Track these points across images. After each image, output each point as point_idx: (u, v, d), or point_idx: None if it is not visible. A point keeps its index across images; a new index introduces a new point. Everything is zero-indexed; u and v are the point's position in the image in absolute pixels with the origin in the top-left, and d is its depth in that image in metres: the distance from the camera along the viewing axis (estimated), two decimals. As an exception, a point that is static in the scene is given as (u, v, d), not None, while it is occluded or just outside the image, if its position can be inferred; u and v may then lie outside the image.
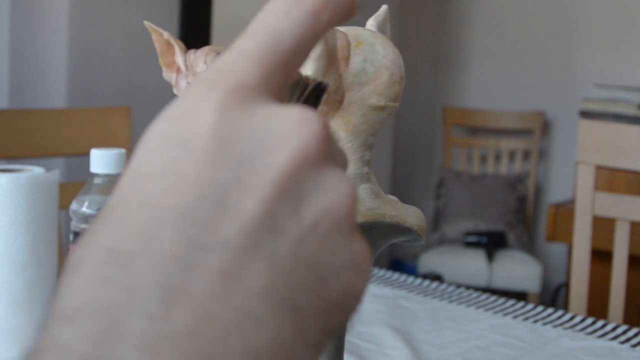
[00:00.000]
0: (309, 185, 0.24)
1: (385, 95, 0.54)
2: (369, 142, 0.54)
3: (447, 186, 3.09)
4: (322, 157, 0.24)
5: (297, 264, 0.23)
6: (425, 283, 1.18)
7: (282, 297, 0.22)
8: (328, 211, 0.24)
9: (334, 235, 0.24)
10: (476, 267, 2.73)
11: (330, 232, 0.24)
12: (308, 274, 0.23)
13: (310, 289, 0.23)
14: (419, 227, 0.56)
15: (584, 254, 1.28)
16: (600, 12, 3.03)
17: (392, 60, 0.54)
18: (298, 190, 0.23)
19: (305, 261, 0.23)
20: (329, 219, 0.24)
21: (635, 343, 0.96)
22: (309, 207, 0.24)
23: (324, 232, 0.24)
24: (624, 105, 2.54)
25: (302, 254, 0.23)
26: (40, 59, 2.23)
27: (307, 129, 0.24)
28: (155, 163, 0.23)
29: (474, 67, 3.35)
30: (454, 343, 0.93)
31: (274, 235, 0.23)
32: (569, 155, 2.97)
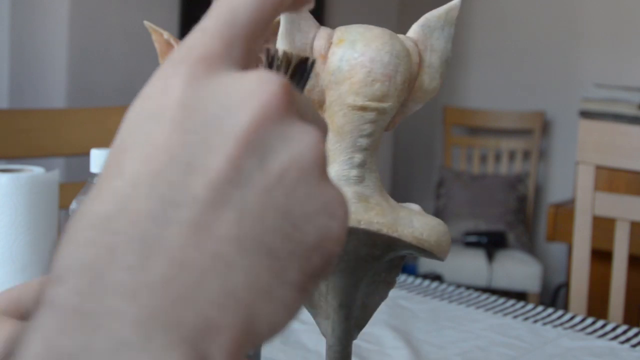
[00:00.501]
0: (273, 139, 0.25)
1: (363, 95, 0.52)
2: (359, 144, 0.53)
3: (447, 186, 3.09)
4: (283, 113, 0.26)
5: (266, 212, 0.25)
6: (425, 283, 1.18)
7: (254, 241, 0.24)
8: (293, 161, 0.25)
9: (302, 183, 0.26)
10: (476, 267, 2.73)
11: (298, 180, 0.25)
12: (279, 220, 0.25)
13: (284, 234, 0.25)
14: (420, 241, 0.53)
15: (584, 254, 1.27)
16: (600, 12, 3.03)
17: (372, 57, 0.51)
18: (262, 144, 0.25)
19: (275, 209, 0.25)
20: (295, 168, 0.25)
21: (635, 343, 0.96)
22: (275, 159, 0.25)
23: (292, 180, 0.25)
24: (624, 105, 2.54)
25: (272, 203, 0.25)
26: (40, 59, 2.23)
27: (266, 88, 0.26)
28: (131, 138, 0.25)
29: (474, 67, 3.35)
30: (454, 343, 0.93)
31: (241, 187, 0.24)
32: (569, 155, 2.97)
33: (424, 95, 0.55)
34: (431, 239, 0.53)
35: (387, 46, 0.52)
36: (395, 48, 0.52)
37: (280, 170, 0.25)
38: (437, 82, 0.55)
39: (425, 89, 0.55)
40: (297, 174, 0.25)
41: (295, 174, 0.25)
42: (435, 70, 0.55)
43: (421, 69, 0.54)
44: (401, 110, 0.55)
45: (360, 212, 0.53)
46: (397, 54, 0.52)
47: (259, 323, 0.24)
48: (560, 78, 3.14)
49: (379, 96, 0.52)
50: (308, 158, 0.26)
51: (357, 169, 0.53)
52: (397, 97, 0.53)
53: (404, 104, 0.55)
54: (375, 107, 0.52)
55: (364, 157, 0.53)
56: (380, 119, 0.53)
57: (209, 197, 0.24)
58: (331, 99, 0.53)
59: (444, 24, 0.55)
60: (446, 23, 0.55)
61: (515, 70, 3.25)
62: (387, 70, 0.52)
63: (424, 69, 0.54)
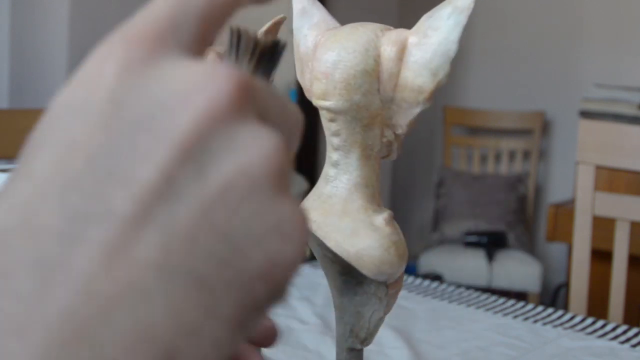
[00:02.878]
0: (217, 145, 0.21)
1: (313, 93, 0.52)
2: (332, 142, 0.52)
3: (447, 186, 3.09)
4: (234, 114, 0.21)
5: (200, 233, 0.20)
6: (425, 283, 1.18)
7: (181, 269, 0.20)
8: (241, 172, 0.21)
9: (250, 198, 0.21)
10: (476, 267, 2.73)
11: (245, 195, 0.21)
12: (216, 244, 0.21)
13: (221, 260, 0.21)
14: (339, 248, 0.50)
15: (584, 254, 1.27)
16: (600, 12, 3.03)
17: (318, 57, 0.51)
18: (203, 152, 0.21)
19: (212, 230, 0.21)
20: (242, 180, 0.21)
21: (635, 343, 0.96)
22: (217, 169, 0.21)
23: (236, 196, 0.21)
24: (624, 105, 2.54)
25: (208, 222, 0.21)
26: (40, 59, 2.23)
27: (215, 82, 0.21)
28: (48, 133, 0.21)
29: (474, 67, 3.35)
30: (454, 343, 0.93)
31: (171, 202, 0.20)
32: (569, 155, 2.97)
33: (413, 94, 0.51)
34: (352, 249, 0.51)
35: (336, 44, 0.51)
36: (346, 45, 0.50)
37: (223, 183, 0.21)
38: (424, 78, 0.50)
39: (411, 87, 0.50)
40: (244, 187, 0.21)
41: (241, 188, 0.21)
42: (421, 66, 0.50)
43: (404, 64, 0.50)
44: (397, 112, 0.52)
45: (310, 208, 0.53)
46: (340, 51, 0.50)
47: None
48: (560, 78, 3.14)
49: (320, 94, 0.51)
50: (259, 168, 0.21)
51: (332, 168, 0.53)
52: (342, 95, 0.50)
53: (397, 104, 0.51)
54: (320, 106, 0.51)
55: (338, 156, 0.52)
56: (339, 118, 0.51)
57: (130, 212, 0.20)
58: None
59: (450, 12, 0.49)
60: (454, 11, 0.49)
61: (515, 70, 3.25)
62: (324, 69, 0.50)
63: (408, 65, 0.50)
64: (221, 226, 0.21)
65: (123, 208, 0.20)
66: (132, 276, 0.19)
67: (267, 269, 0.21)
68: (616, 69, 2.97)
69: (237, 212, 0.21)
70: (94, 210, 0.20)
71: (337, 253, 0.51)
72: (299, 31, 0.56)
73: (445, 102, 3.33)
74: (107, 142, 0.21)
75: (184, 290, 0.20)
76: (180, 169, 0.21)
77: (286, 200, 0.22)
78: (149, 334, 0.19)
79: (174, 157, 0.20)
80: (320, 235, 0.52)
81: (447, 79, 0.50)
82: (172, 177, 0.20)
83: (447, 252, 2.84)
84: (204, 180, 0.21)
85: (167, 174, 0.20)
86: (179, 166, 0.21)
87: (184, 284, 0.20)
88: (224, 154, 0.21)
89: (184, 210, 0.20)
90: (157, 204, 0.20)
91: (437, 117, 3.36)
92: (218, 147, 0.21)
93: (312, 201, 0.53)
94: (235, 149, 0.21)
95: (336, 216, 0.52)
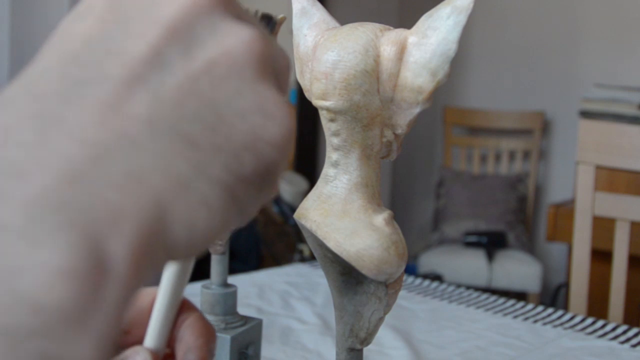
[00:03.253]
0: (202, 30, 0.24)
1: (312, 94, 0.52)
2: (332, 142, 0.52)
3: (447, 186, 3.09)
4: (217, 8, 0.24)
5: (187, 98, 0.23)
6: (425, 283, 1.18)
7: (169, 126, 0.22)
8: (224, 53, 0.24)
9: (233, 76, 0.24)
10: (476, 267, 2.73)
11: (228, 73, 0.23)
12: (202, 109, 0.23)
13: (207, 124, 0.23)
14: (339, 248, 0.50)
15: (584, 254, 1.27)
16: (600, 12, 3.03)
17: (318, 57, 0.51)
18: (190, 33, 0.23)
19: (198, 97, 0.23)
20: (226, 59, 0.24)
21: (635, 343, 0.96)
22: (203, 49, 0.23)
23: (220, 72, 0.23)
24: (624, 105, 2.54)
25: (195, 90, 0.23)
26: (40, 59, 2.23)
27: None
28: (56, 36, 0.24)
29: (474, 67, 3.35)
30: (454, 343, 0.93)
31: (160, 71, 0.23)
32: (569, 155, 2.97)
33: (413, 94, 0.50)
34: (352, 249, 0.50)
35: (336, 44, 0.50)
36: (345, 45, 0.50)
37: (208, 61, 0.23)
38: (423, 78, 0.50)
39: (410, 87, 0.50)
40: (227, 66, 0.23)
41: (225, 66, 0.23)
42: (420, 66, 0.49)
43: (403, 64, 0.50)
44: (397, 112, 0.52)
45: (310, 208, 0.52)
46: (340, 51, 0.50)
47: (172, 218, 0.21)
48: (560, 78, 3.14)
49: (320, 94, 0.51)
50: (242, 52, 0.24)
51: (332, 168, 0.53)
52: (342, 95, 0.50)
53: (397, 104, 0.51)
54: (320, 106, 0.51)
55: (338, 156, 0.52)
56: (339, 118, 0.51)
57: (123, 75, 0.22)
58: None
59: (450, 12, 0.48)
60: (453, 11, 0.48)
61: (515, 70, 3.25)
62: (324, 69, 0.50)
63: (408, 65, 0.50)
64: (206, 95, 0.23)
65: (117, 72, 0.22)
66: (123, 127, 0.21)
67: (252, 141, 0.23)
68: (616, 69, 2.97)
69: (220, 87, 0.23)
70: (90, 75, 0.22)
71: (337, 253, 0.51)
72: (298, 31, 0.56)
73: (445, 102, 3.33)
74: (104, 28, 0.23)
75: (172, 143, 0.22)
76: (168, 46, 0.23)
77: (268, 85, 0.24)
78: (139, 177, 0.21)
79: (163, 35, 0.23)
80: (320, 236, 0.52)
81: (446, 79, 0.50)
82: (161, 51, 0.23)
83: (447, 252, 2.84)
84: (190, 57, 0.23)
85: (157, 48, 0.23)
86: (167, 43, 0.23)
87: (172, 138, 0.22)
88: (208, 37, 0.24)
89: (172, 79, 0.23)
90: (147, 70, 0.22)
91: (437, 117, 3.36)
92: (203, 32, 0.24)
93: (312, 201, 0.53)
94: (219, 35, 0.24)
95: (336, 216, 0.52)
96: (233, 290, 0.70)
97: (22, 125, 0.21)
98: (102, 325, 0.19)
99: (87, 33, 0.23)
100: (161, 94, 0.22)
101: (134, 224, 0.20)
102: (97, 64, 0.22)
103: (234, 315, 0.69)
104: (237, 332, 0.67)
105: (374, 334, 0.55)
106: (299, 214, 0.53)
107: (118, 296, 0.20)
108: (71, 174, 0.20)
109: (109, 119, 0.21)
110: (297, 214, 0.53)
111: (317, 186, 0.54)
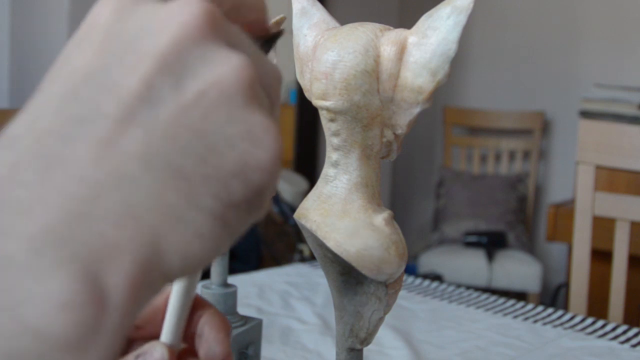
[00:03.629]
0: (192, 61, 0.24)
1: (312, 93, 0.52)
2: (332, 142, 0.52)
3: (447, 186, 3.09)
4: (205, 36, 0.25)
5: (178, 131, 0.24)
6: (425, 283, 1.18)
7: (162, 160, 0.23)
8: (214, 82, 0.24)
9: (222, 105, 0.24)
10: (476, 267, 2.73)
11: (218, 102, 0.24)
12: (193, 141, 0.24)
13: (197, 155, 0.24)
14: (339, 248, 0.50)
15: (584, 254, 1.27)
16: (600, 12, 3.03)
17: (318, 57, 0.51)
18: (180, 65, 0.24)
19: (189, 129, 0.24)
20: (216, 89, 0.24)
21: (635, 343, 0.96)
22: (193, 79, 0.24)
23: (210, 102, 0.24)
24: (624, 105, 2.54)
25: (185, 122, 0.24)
26: (40, 59, 2.23)
27: (188, 11, 0.25)
28: (56, 65, 0.25)
29: (474, 67, 3.35)
30: (454, 343, 0.93)
31: (152, 105, 0.24)
32: (569, 155, 2.97)
33: (413, 94, 0.50)
34: (352, 249, 0.50)
35: (336, 44, 0.50)
36: (345, 45, 0.50)
37: (198, 91, 0.24)
38: (423, 78, 0.50)
39: (410, 87, 0.50)
40: (217, 96, 0.24)
41: (214, 96, 0.24)
42: (420, 67, 0.49)
43: (403, 64, 0.50)
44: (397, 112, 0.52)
45: (310, 208, 0.52)
46: (340, 51, 0.50)
47: (167, 249, 0.23)
48: (560, 78, 3.14)
49: (320, 94, 0.51)
50: (230, 81, 0.24)
51: (332, 168, 0.53)
52: (342, 95, 0.50)
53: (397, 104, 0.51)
54: (320, 106, 0.51)
55: (338, 156, 0.52)
56: (339, 118, 0.51)
57: (117, 114, 0.23)
58: None
59: (450, 12, 0.48)
60: (453, 11, 0.48)
61: (515, 70, 3.25)
62: (324, 69, 0.50)
63: (408, 65, 0.50)
64: (197, 127, 0.24)
65: (112, 111, 0.23)
66: (119, 165, 0.23)
67: (241, 168, 0.24)
68: (616, 69, 2.97)
69: (210, 117, 0.24)
70: (88, 114, 0.23)
71: (337, 253, 0.51)
72: (298, 31, 0.55)
73: (445, 102, 3.33)
74: (101, 62, 0.24)
75: (165, 178, 0.23)
76: (160, 78, 0.24)
77: (257, 111, 0.25)
78: (135, 213, 0.22)
79: (154, 68, 0.24)
80: (320, 236, 0.52)
81: (446, 79, 0.50)
82: (152, 85, 0.24)
83: (447, 252, 2.84)
84: (181, 89, 0.24)
85: (148, 82, 0.24)
86: (159, 76, 0.24)
87: (165, 173, 0.23)
88: (199, 68, 0.24)
89: (163, 112, 0.24)
90: (140, 106, 0.23)
91: (437, 117, 3.36)
92: (193, 63, 0.24)
93: (312, 201, 0.53)
94: (209, 64, 0.25)
95: (336, 216, 0.52)
96: (233, 290, 0.70)
97: (26, 164, 0.22)
98: (102, 351, 0.21)
99: (85, 66, 0.24)
100: (153, 129, 0.23)
101: (131, 257, 0.22)
102: (94, 100, 0.23)
103: (234, 315, 0.69)
104: (237, 332, 0.67)
105: (374, 334, 0.55)
106: (299, 214, 0.53)
107: (117, 323, 0.21)
108: (71, 212, 0.22)
109: (105, 157, 0.23)
110: (297, 214, 0.53)
111: (317, 186, 0.54)
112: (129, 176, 0.23)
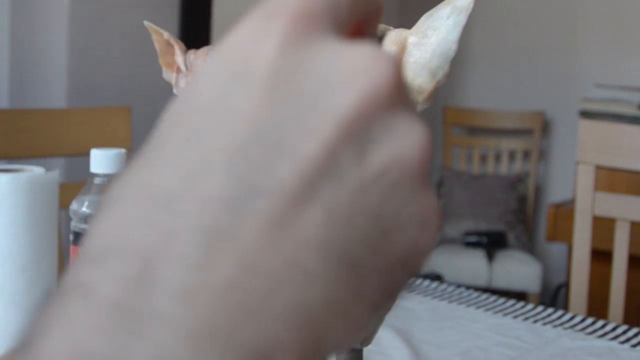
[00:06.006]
0: (377, 129, 0.21)
1: None
2: None
3: (447, 186, 3.09)
4: (393, 100, 0.21)
5: (357, 215, 0.20)
6: (425, 283, 1.18)
7: (338, 250, 0.20)
8: (397, 159, 0.21)
9: (401, 186, 0.21)
10: (476, 267, 2.73)
11: (398, 182, 0.21)
12: (369, 227, 0.20)
13: (371, 243, 0.21)
14: None
15: (584, 254, 1.27)
16: (600, 12, 3.03)
17: None
18: (365, 134, 0.21)
19: (367, 213, 0.20)
20: (398, 167, 0.21)
21: (635, 343, 0.96)
22: (376, 153, 0.21)
23: (391, 182, 0.21)
24: (624, 105, 2.54)
25: (364, 205, 0.20)
26: (40, 59, 2.23)
27: (379, 68, 0.21)
28: (206, 97, 0.21)
29: (474, 67, 3.35)
30: (454, 343, 0.93)
31: (333, 182, 0.20)
32: (569, 155, 2.97)
33: (412, 94, 0.49)
34: None
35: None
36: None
37: (379, 169, 0.21)
38: (423, 78, 0.49)
39: (410, 87, 0.48)
40: (397, 174, 0.21)
41: (395, 175, 0.21)
42: (420, 66, 0.49)
43: (403, 64, 0.49)
44: None
45: None
46: None
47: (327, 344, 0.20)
48: (560, 78, 3.14)
49: None
50: (412, 158, 0.22)
51: None
52: None
53: None
54: None
55: None
56: None
57: (295, 188, 0.20)
58: None
59: (450, 12, 0.48)
60: (453, 11, 0.48)
61: (515, 70, 3.25)
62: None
63: (407, 65, 0.49)
64: (375, 210, 0.21)
65: (289, 183, 0.20)
66: (295, 253, 0.19)
67: (408, 256, 0.22)
68: (616, 69, 2.97)
69: (388, 198, 0.21)
70: (260, 181, 0.19)
71: None
72: None
73: (445, 102, 3.33)
74: (273, 113, 0.20)
75: (339, 272, 0.20)
76: (343, 149, 0.20)
77: (429, 191, 0.22)
78: (306, 311, 0.19)
79: (339, 135, 0.20)
80: None
81: (446, 79, 0.50)
82: (335, 156, 0.20)
83: (447, 252, 2.84)
84: (363, 163, 0.21)
85: (331, 151, 0.20)
86: (342, 145, 0.20)
87: (340, 265, 0.20)
88: (383, 138, 0.21)
89: (343, 190, 0.20)
90: (320, 181, 0.20)
91: (437, 117, 3.36)
92: (378, 132, 0.21)
93: None
94: (393, 136, 0.21)
95: None
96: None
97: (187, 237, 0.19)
98: None
99: (253, 114, 0.20)
100: (333, 211, 0.20)
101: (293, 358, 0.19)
102: (268, 164, 0.20)
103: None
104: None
105: (374, 334, 0.55)
106: None
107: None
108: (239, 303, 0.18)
109: (280, 241, 0.19)
110: None
111: None
112: (303, 267, 0.19)
